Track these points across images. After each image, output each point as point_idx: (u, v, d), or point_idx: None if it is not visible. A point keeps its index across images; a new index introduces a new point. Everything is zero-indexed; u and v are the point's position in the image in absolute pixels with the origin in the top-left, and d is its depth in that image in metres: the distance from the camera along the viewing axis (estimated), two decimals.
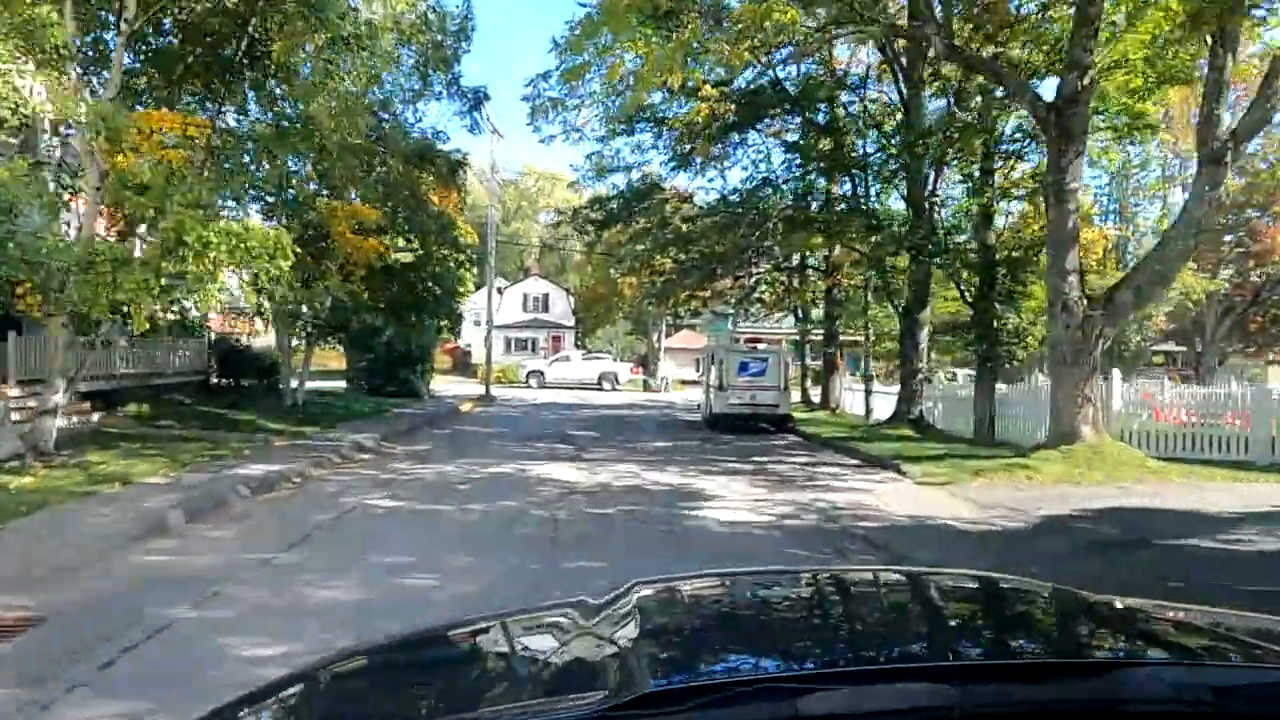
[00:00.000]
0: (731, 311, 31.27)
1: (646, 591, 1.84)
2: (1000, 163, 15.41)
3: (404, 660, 1.81)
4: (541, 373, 41.36)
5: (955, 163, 16.14)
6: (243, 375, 23.06)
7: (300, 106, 11.67)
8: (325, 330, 19.83)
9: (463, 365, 52.70)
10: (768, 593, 2.06)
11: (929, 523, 8.89)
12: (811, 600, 1.99)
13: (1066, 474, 11.42)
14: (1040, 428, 14.80)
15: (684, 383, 46.68)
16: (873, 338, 23.04)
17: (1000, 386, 16.97)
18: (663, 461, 13.83)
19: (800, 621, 1.85)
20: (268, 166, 11.69)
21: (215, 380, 22.91)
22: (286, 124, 11.75)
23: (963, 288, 15.94)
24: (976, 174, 15.44)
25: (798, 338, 30.16)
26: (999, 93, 14.73)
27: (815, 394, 28.35)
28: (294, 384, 20.58)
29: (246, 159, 12.10)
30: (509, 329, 50.62)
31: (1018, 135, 14.71)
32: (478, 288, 55.56)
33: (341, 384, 28.34)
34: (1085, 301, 12.32)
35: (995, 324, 15.25)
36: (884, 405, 22.34)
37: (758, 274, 26.91)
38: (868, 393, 22.52)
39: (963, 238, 16.86)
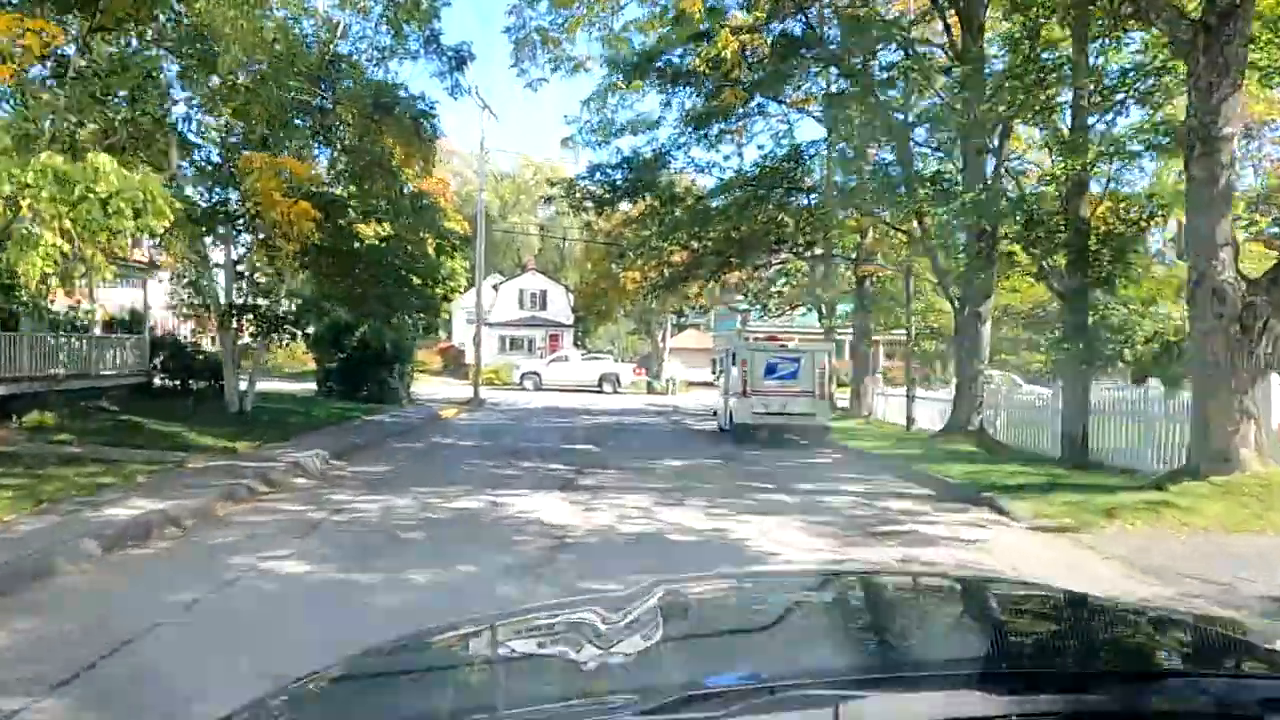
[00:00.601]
0: (746, 307, 28.20)
1: (670, 590, 1.83)
2: (1097, 115, 12.39)
3: (428, 657, 1.76)
4: (537, 374, 38.33)
5: (1036, 117, 13.12)
6: (193, 377, 20.10)
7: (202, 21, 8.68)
8: (276, 324, 16.81)
9: (456, 366, 49.48)
10: (796, 594, 2.02)
11: None
12: (843, 603, 1.95)
13: (1236, 517, 8.40)
14: (1151, 447, 11.82)
15: (690, 384, 43.61)
16: (914, 334, 20.02)
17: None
18: (681, 490, 10.82)
19: (834, 624, 1.78)
20: (152, 95, 8.66)
21: (159, 383, 19.96)
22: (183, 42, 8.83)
23: (1049, 271, 12.94)
24: (1067, 130, 12.42)
25: (821, 336, 27.11)
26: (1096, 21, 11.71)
27: (840, 398, 25.26)
28: (243, 386, 17.60)
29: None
30: (504, 327, 47.64)
31: (1127, 79, 11.66)
32: (470, 283, 53.14)
33: (313, 387, 25.37)
34: (1244, 284, 9.30)
35: (1095, 316, 12.24)
36: (924, 413, 19.37)
37: (778, 263, 23.90)
38: (910, 399, 19.51)
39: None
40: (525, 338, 47.79)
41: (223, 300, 17.15)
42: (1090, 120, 12.62)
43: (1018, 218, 12.16)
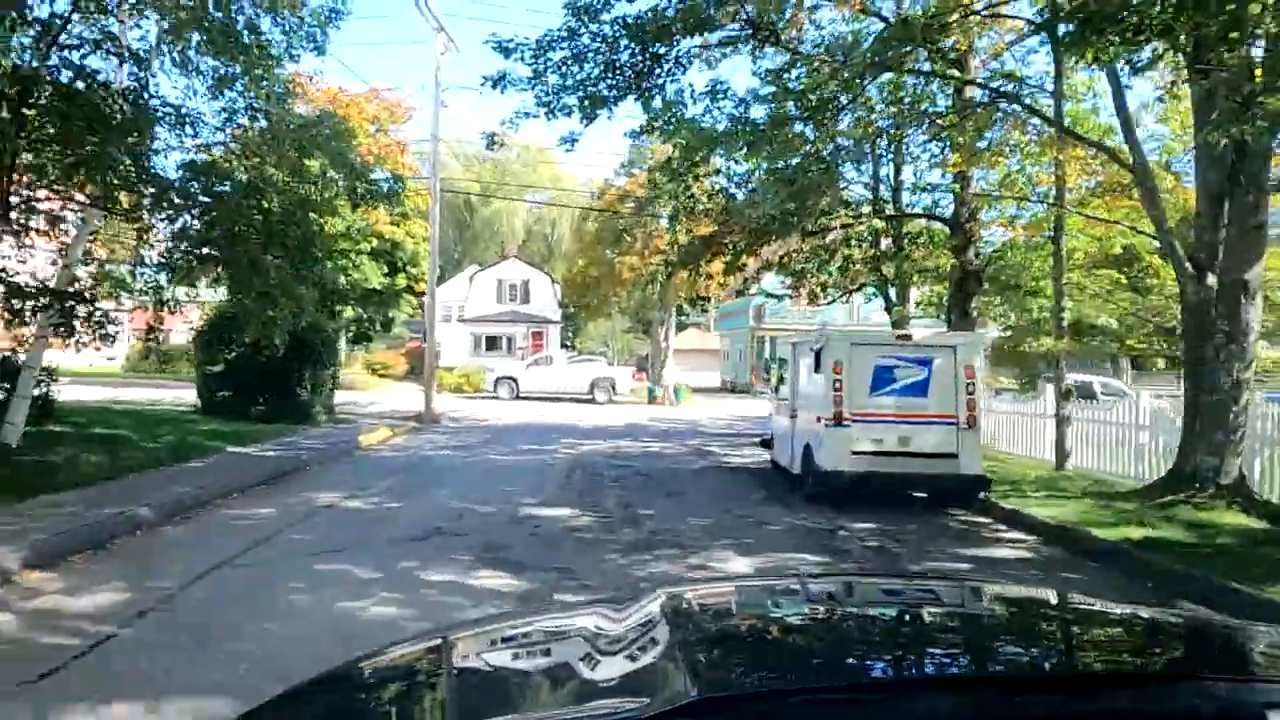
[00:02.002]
0: (784, 293, 21.35)
1: (673, 596, 1.81)
2: None
3: (432, 664, 1.69)
4: (514, 379, 31.36)
5: None
6: None
7: None
8: (51, 306, 9.92)
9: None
10: (798, 600, 2.01)
11: None
12: (844, 609, 1.95)
13: None
14: None
15: (695, 391, 36.66)
16: (1065, 326, 13.27)
17: None
18: None
19: (836, 630, 1.77)
20: None
21: None
22: None
23: None
24: None
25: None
26: None
27: None
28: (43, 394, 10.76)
29: None
30: (479, 323, 40.83)
31: None
32: (443, 274, 46.45)
33: (193, 397, 18.47)
34: None
35: None
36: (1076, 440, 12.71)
37: (842, 225, 17.18)
38: (1062, 421, 12.81)
39: None
40: (504, 335, 40.91)
41: None
42: None
43: None
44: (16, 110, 8.99)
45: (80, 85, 9.66)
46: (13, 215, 9.98)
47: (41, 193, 11.18)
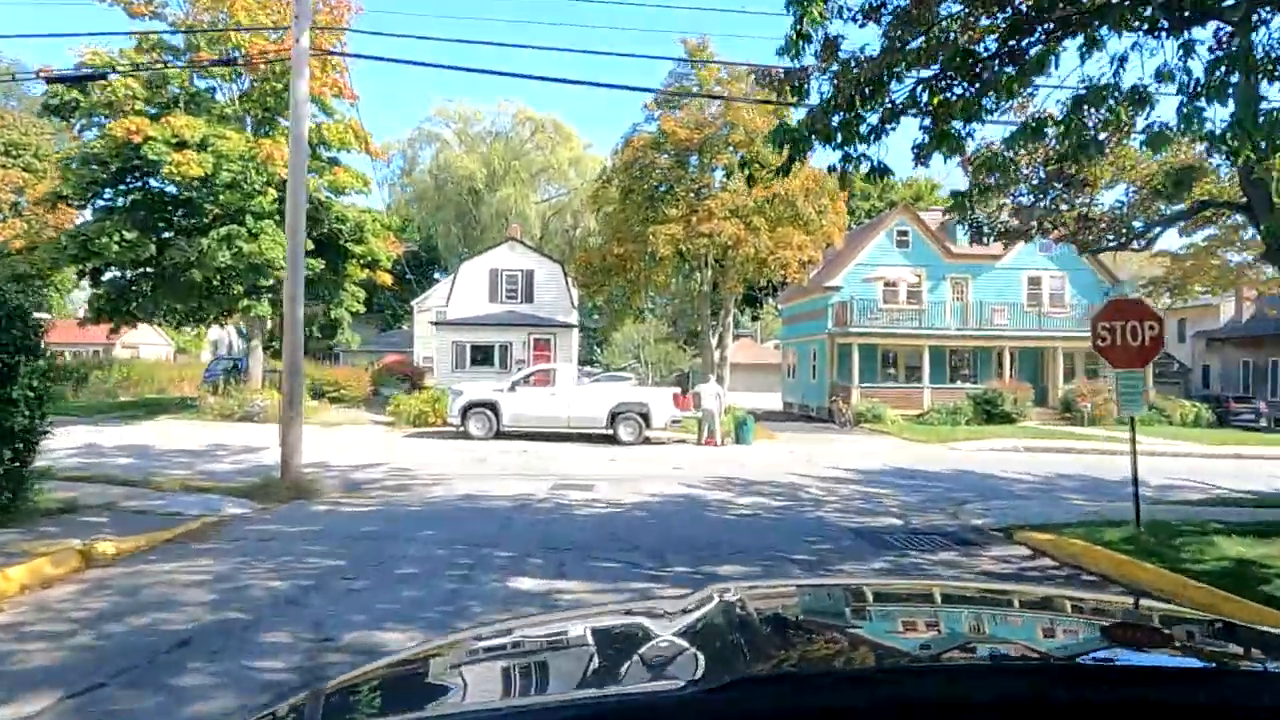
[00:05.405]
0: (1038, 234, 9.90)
1: (726, 594, 1.94)
2: None
3: (498, 648, 1.84)
4: (492, 407, 20.27)
5: None
6: None
7: None
8: None
9: (408, 389, 31.50)
10: (843, 599, 2.17)
11: None
12: (884, 606, 2.07)
13: None
14: None
15: (759, 419, 25.21)
16: None
17: None
18: None
19: (876, 623, 1.90)
20: None
21: None
22: None
23: None
24: None
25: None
26: None
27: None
28: None
29: None
30: (464, 328, 29.98)
31: None
32: (431, 273, 37.92)
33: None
34: None
35: None
36: None
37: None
38: None
39: None
40: (497, 344, 29.96)
41: None
42: None
43: None
44: None
45: None
46: None
47: None
